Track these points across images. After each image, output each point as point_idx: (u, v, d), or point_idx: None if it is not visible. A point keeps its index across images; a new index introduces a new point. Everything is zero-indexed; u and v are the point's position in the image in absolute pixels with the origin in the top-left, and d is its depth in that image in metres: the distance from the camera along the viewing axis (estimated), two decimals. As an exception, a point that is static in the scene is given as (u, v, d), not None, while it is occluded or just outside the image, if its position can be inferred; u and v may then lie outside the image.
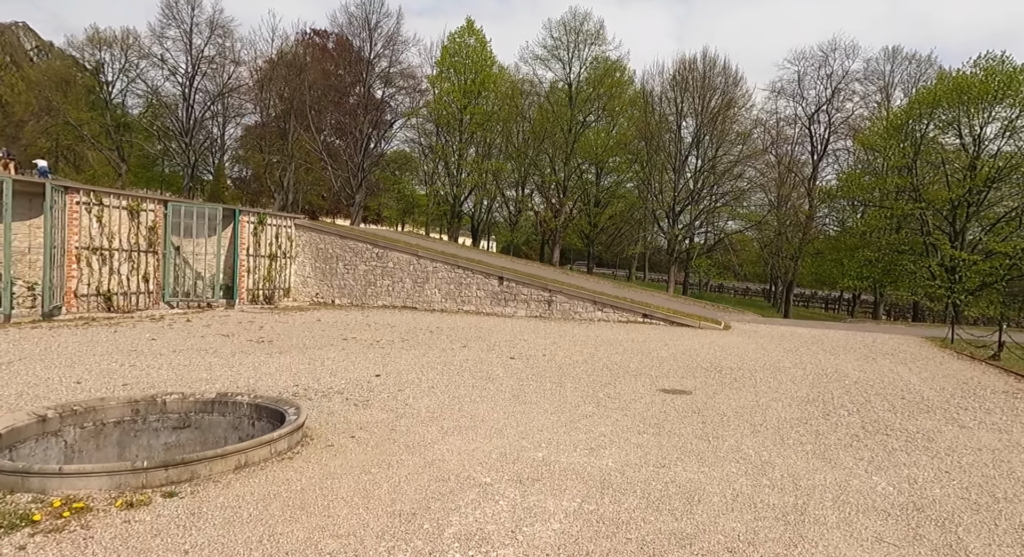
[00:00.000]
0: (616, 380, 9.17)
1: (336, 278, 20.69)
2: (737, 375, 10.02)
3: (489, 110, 32.98)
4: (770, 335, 16.09)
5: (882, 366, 11.51)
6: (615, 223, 39.85)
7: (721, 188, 32.96)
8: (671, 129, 31.85)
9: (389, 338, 12.28)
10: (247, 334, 11.87)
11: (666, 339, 14.16)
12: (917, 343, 15.48)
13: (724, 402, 7.95)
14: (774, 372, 10.42)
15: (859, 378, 10.13)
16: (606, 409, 7.23)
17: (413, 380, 8.19)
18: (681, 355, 11.87)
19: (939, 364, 12.04)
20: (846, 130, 35.90)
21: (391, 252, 20.23)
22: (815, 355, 12.62)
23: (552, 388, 8.27)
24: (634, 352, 12.04)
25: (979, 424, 7.20)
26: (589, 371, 9.77)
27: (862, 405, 8.09)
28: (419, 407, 6.71)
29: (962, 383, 10.02)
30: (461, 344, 11.90)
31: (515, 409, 6.93)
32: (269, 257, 19.62)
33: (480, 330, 14.45)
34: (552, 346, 12.37)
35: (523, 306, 18.96)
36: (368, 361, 9.48)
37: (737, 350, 12.88)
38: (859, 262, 26.48)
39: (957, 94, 23.83)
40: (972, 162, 24.63)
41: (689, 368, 10.53)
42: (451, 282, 19.68)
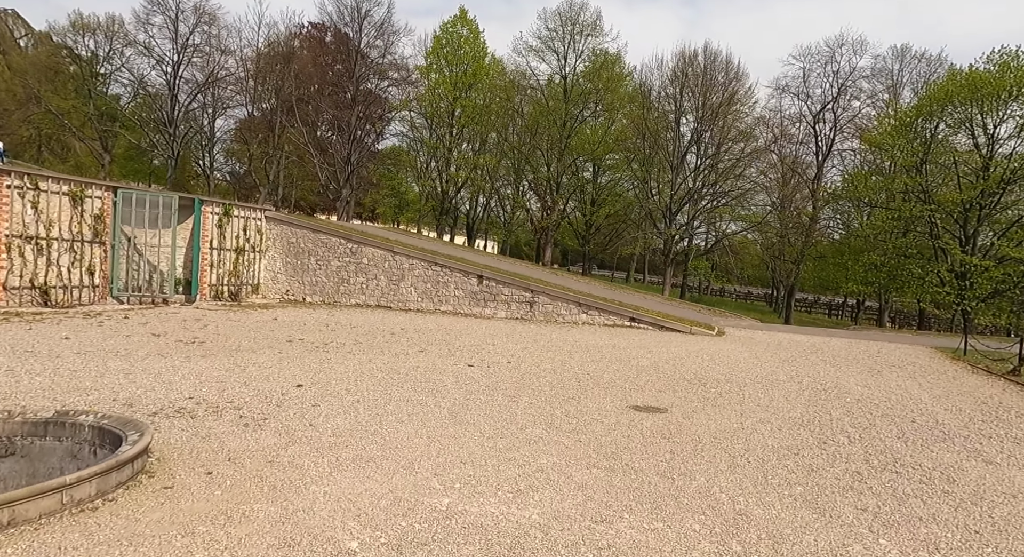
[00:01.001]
0: (582, 394, 7.97)
1: (308, 274, 19.54)
2: (723, 389, 8.80)
3: (482, 103, 31.79)
4: (766, 342, 14.86)
5: (888, 381, 10.27)
6: (612, 223, 38.62)
7: (721, 187, 31.69)
8: (670, 125, 30.61)
9: (342, 340, 11.10)
10: (183, 334, 10.70)
11: (651, 345, 12.94)
12: (926, 354, 14.22)
13: (702, 424, 6.74)
14: (766, 386, 9.20)
15: (862, 395, 8.90)
16: (558, 432, 6.03)
17: (338, 392, 7.00)
18: (664, 364, 10.66)
19: (952, 379, 10.79)
20: (852, 130, 34.61)
21: (365, 247, 19.07)
22: (814, 366, 11.39)
23: (503, 404, 7.08)
24: (612, 360, 10.83)
25: (1008, 459, 5.96)
26: (554, 382, 8.57)
27: (866, 430, 6.87)
28: (325, 429, 5.52)
29: (981, 403, 8.77)
30: (419, 348, 10.71)
31: (446, 432, 5.73)
32: (236, 251, 18.47)
33: (449, 332, 13.26)
34: (522, 352, 11.17)
35: (503, 307, 17.77)
36: (300, 368, 8.30)
37: (728, 359, 11.65)
38: (864, 266, 25.20)
39: (970, 90, 22.53)
40: (985, 163, 23.34)
41: (670, 380, 9.32)
42: (427, 280, 18.50)
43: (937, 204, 23.76)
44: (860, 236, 27.47)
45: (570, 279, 24.03)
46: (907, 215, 23.92)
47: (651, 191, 31.32)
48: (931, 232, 24.48)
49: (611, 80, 30.72)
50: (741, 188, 31.76)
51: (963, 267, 22.80)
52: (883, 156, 28.17)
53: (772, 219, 33.77)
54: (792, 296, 33.98)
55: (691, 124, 30.79)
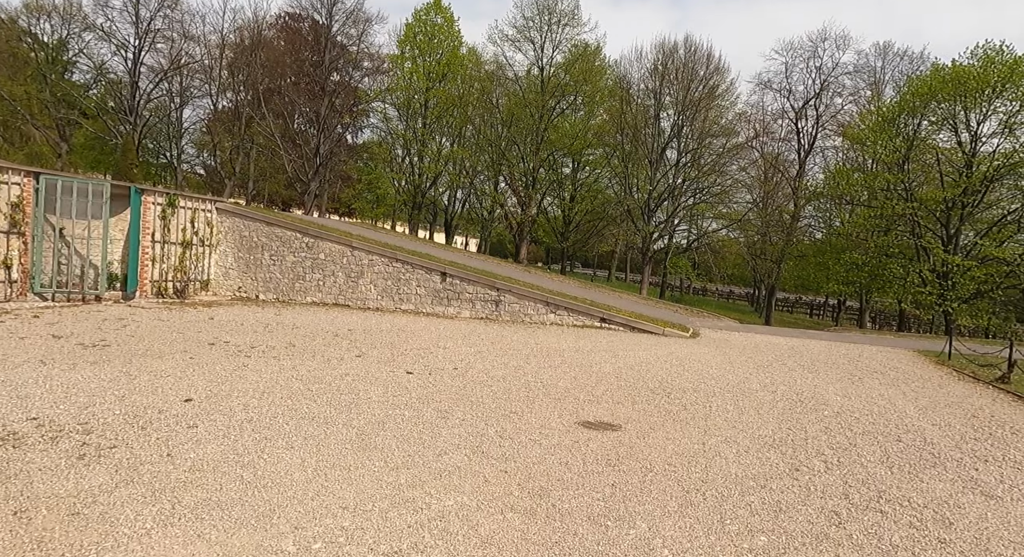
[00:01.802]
0: (529, 407, 6.99)
1: (261, 270, 18.35)
2: (689, 400, 7.87)
3: (456, 94, 30.64)
4: (742, 345, 14.01)
5: (870, 389, 9.43)
6: (591, 220, 37.69)
7: (702, 184, 30.92)
8: (648, 119, 29.74)
9: (273, 343, 10.00)
10: (91, 336, 9.53)
11: (618, 349, 12.01)
12: (909, 358, 13.47)
13: (658, 445, 5.79)
14: (737, 396, 8.29)
15: (842, 407, 8.02)
16: (483, 459, 5.03)
17: (232, 408, 5.94)
18: (628, 371, 9.72)
19: (938, 387, 9.98)
20: (835, 127, 34.06)
21: (322, 242, 17.92)
22: (790, 373, 10.53)
23: (430, 421, 6.06)
24: (572, 365, 9.87)
25: (1010, 490, 5.08)
26: (500, 393, 7.58)
27: (845, 452, 5.96)
28: (184, 460, 4.46)
29: (971, 416, 7.94)
30: (358, 352, 9.65)
31: (340, 461, 4.70)
32: (182, 244, 17.23)
33: (401, 334, 12.22)
34: (475, 356, 10.17)
35: (467, 306, 16.75)
36: (203, 377, 7.21)
37: (699, 365, 10.75)
38: (845, 265, 24.55)
39: (954, 85, 21.93)
40: (968, 160, 22.77)
41: (632, 389, 8.38)
42: (388, 277, 17.42)
43: (919, 202, 23.16)
44: (842, 235, 26.86)
45: (543, 277, 23.06)
46: (889, 213, 23.29)
47: (630, 187, 30.44)
48: (913, 231, 23.89)
49: (589, 72, 29.75)
50: (722, 185, 31.02)
51: (945, 267, 22.21)
52: (865, 153, 27.57)
53: (753, 217, 33.09)
54: (773, 296, 33.34)
55: (671, 118, 29.98)
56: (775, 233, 31.44)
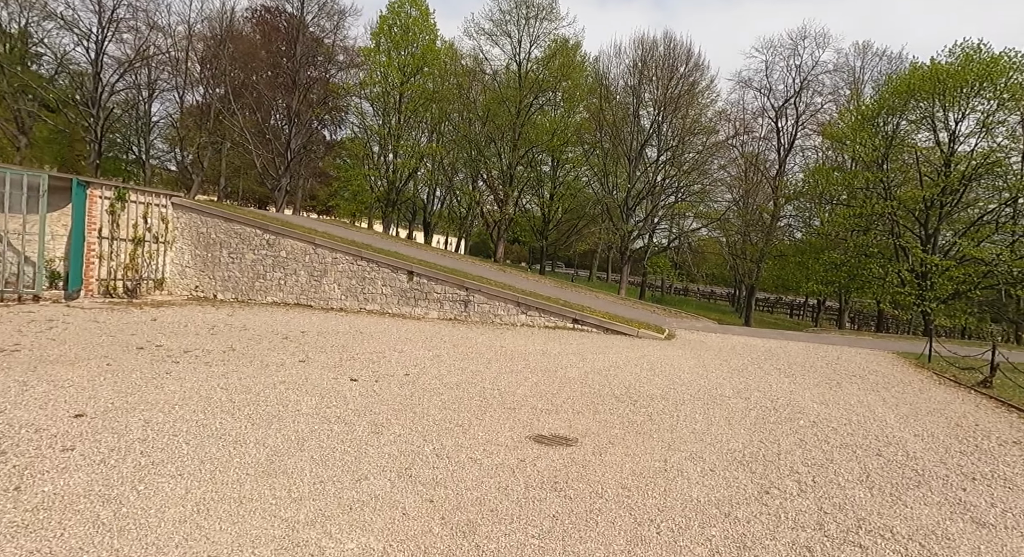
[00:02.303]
0: (479, 419, 6.33)
1: (220, 268, 17.46)
2: (655, 409, 7.27)
3: (431, 89, 29.86)
4: (719, 347, 13.49)
5: (848, 395, 8.92)
6: (571, 219, 37.18)
7: (681, 182, 30.50)
8: (627, 116, 29.24)
9: (212, 347, 9.22)
10: (6, 339, 8.66)
11: (588, 351, 11.40)
12: (889, 361, 13.05)
13: (615, 463, 5.16)
14: (707, 404, 7.71)
15: (818, 416, 7.47)
16: (411, 485, 4.35)
17: (128, 426, 5.18)
18: (595, 376, 9.10)
19: (919, 392, 9.51)
20: (814, 126, 33.89)
21: (284, 239, 17.09)
22: (766, 377, 9.99)
23: (360, 438, 5.37)
24: (535, 370, 9.23)
25: (1003, 515, 4.53)
26: (450, 402, 6.91)
27: (821, 469, 5.38)
28: (31, 496, 3.72)
29: (955, 425, 7.44)
30: (302, 357, 8.90)
31: (233, 492, 3.99)
32: (133, 241, 16.29)
33: (359, 336, 11.49)
34: (431, 360, 9.48)
35: (435, 306, 16.05)
36: (114, 387, 6.43)
37: (671, 369, 10.17)
38: (824, 265, 24.27)
39: (932, 83, 21.72)
40: (946, 159, 22.59)
41: (596, 397, 7.76)
42: (352, 276, 16.65)
43: (898, 201, 22.93)
44: (821, 234, 26.60)
45: (519, 277, 22.42)
46: (868, 212, 23.03)
47: (609, 185, 29.92)
48: (892, 230, 23.67)
49: (568, 67, 29.16)
50: (702, 183, 30.65)
51: (924, 267, 21.99)
52: (844, 151, 27.36)
53: (733, 216, 32.78)
54: (752, 296, 33.07)
55: (651, 116, 29.51)
56: (755, 233, 31.15)
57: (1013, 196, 22.14)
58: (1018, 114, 22.19)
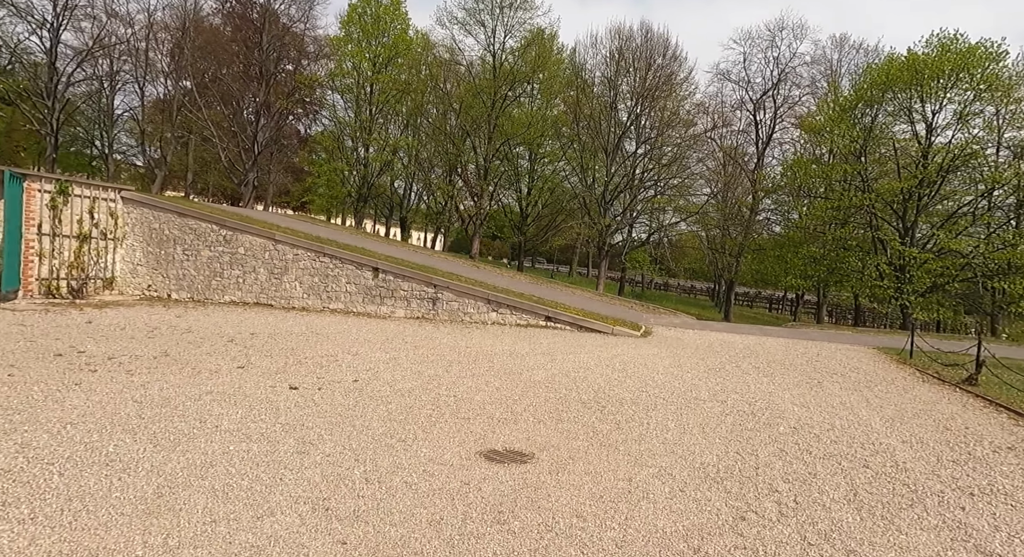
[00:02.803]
0: (426, 431, 5.65)
1: (174, 266, 16.51)
2: (625, 416, 6.66)
3: (403, 80, 28.94)
4: (696, 344, 12.96)
5: (830, 396, 8.41)
6: (550, 213, 36.57)
7: (660, 175, 30.03)
8: (604, 108, 28.67)
9: (144, 352, 8.40)
10: (-93, 346, 7.76)
11: (558, 351, 10.77)
12: (870, 357, 12.63)
13: (573, 484, 4.53)
14: (681, 409, 7.12)
15: (799, 421, 6.93)
16: (323, 522, 3.66)
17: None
18: (563, 378, 8.47)
19: (903, 391, 9.04)
20: (792, 119, 33.69)
21: (242, 235, 16.20)
22: (744, 377, 9.45)
23: (281, 459, 4.66)
24: (500, 373, 8.57)
25: (1009, 541, 3.97)
26: (397, 413, 6.22)
27: (804, 486, 4.80)
28: None
29: (943, 428, 6.94)
30: (241, 363, 8.13)
31: (90, 541, 3.26)
32: (78, 238, 15.30)
33: (313, 338, 10.72)
34: (387, 363, 8.78)
35: (402, 305, 15.31)
36: (3, 404, 5.62)
37: (644, 369, 9.59)
38: (803, 259, 23.98)
39: (910, 74, 21.47)
40: (924, 151, 22.40)
41: (561, 402, 7.13)
42: (315, 274, 15.83)
43: (876, 194, 22.69)
44: (800, 227, 26.34)
45: (493, 273, 21.74)
46: (846, 205, 22.76)
47: (587, 179, 29.35)
48: (870, 223, 23.44)
49: (543, 57, 28.45)
50: (680, 176, 30.22)
51: (902, 259, 21.77)
52: (822, 143, 27.11)
53: (713, 211, 32.44)
54: (732, 291, 32.79)
55: (628, 107, 28.98)
56: (734, 227, 30.83)
57: (989, 188, 22.03)
58: (993, 105, 22.06)
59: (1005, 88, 21.16)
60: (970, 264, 21.05)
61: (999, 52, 20.95)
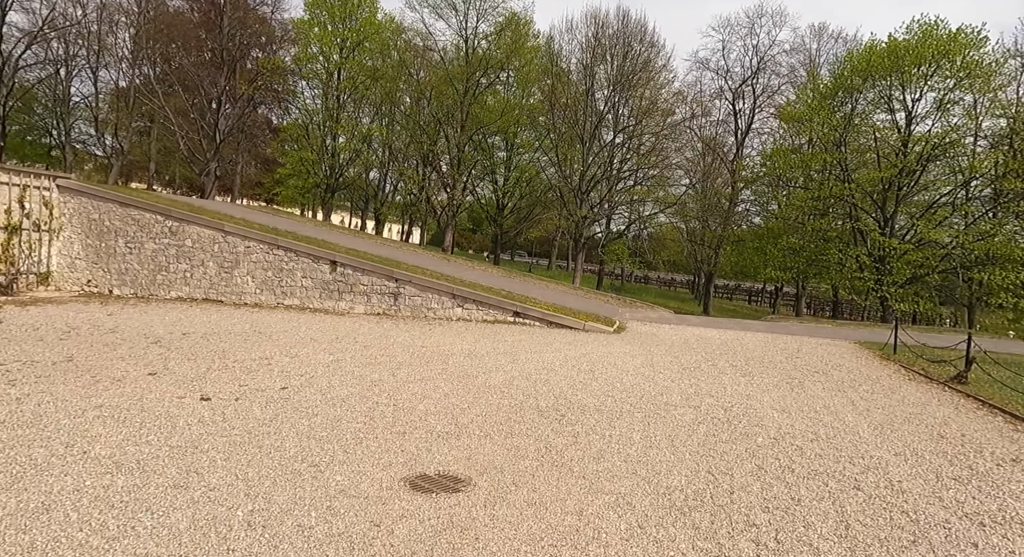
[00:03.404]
0: (349, 452, 4.79)
1: (115, 260, 15.35)
2: (585, 426, 5.86)
3: (371, 65, 27.72)
4: (671, 341, 12.23)
5: (813, 398, 7.70)
6: (527, 205, 35.67)
7: (638, 165, 29.32)
8: (579, 95, 27.81)
9: (43, 357, 7.39)
10: None
11: (523, 350, 9.94)
12: (852, 352, 12.03)
13: (510, 521, 3.69)
14: (649, 417, 6.34)
15: (780, 430, 6.18)
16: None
17: None
18: (522, 381, 7.65)
19: (890, 392, 8.38)
20: (772, 109, 33.18)
21: (189, 226, 15.08)
22: (720, 377, 8.72)
23: (146, 499, 3.76)
24: (452, 377, 7.72)
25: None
26: (321, 427, 5.34)
27: (786, 517, 4.03)
28: None
29: (938, 436, 6.26)
30: (153, 370, 7.15)
31: None
32: (6, 229, 14.08)
33: (252, 338, 9.76)
34: (328, 367, 7.87)
35: (361, 300, 14.35)
36: None
37: (614, 370, 8.80)
38: (783, 250, 23.47)
39: (891, 60, 20.96)
40: (904, 140, 21.96)
41: (515, 411, 6.31)
42: (268, 267, 14.80)
43: (856, 184, 22.22)
44: (779, 218, 25.83)
45: (463, 266, 20.84)
46: (826, 195, 22.25)
47: (563, 169, 28.52)
48: (850, 213, 22.98)
49: (518, 44, 27.44)
50: (658, 165, 29.54)
51: (881, 250, 21.33)
52: (802, 132, 26.59)
53: (691, 202, 31.85)
54: (711, 283, 32.31)
55: (605, 95, 28.16)
56: (713, 220, 30.27)
57: (968, 178, 21.67)
58: (973, 93, 21.67)
59: (985, 76, 20.76)
60: (950, 255, 20.68)
61: (980, 38, 20.53)
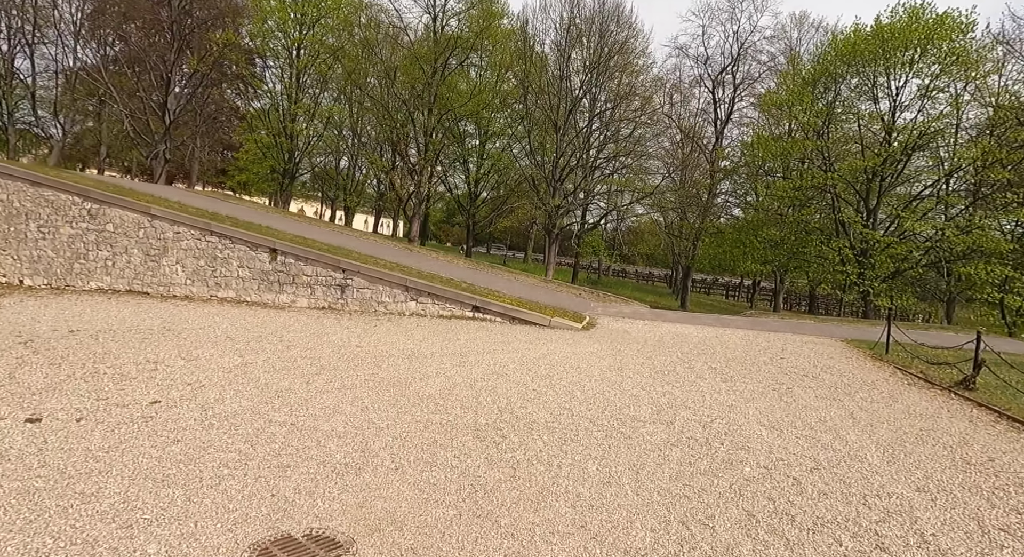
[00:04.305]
0: (195, 497, 3.45)
1: (26, 246, 13.65)
2: (529, 453, 4.60)
3: (332, 44, 26.01)
4: (644, 339, 11.04)
5: (805, 409, 6.55)
6: (500, 195, 34.33)
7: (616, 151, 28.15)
8: (555, 77, 26.51)
9: None
10: None
11: (475, 350, 8.65)
12: (840, 352, 10.97)
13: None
14: (610, 439, 5.11)
15: (771, 456, 4.99)
16: None
17: None
18: (464, 390, 6.37)
19: (891, 400, 7.28)
20: (752, 99, 32.27)
21: (111, 209, 13.46)
22: (698, 383, 7.54)
23: None
24: (380, 385, 6.41)
25: None
26: (176, 459, 3.99)
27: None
28: None
29: (963, 462, 5.12)
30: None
31: None
32: None
33: (156, 336, 8.30)
34: (228, 373, 6.49)
35: (305, 292, 12.91)
36: None
37: (575, 374, 7.57)
38: (763, 242, 22.52)
39: (877, 44, 20.04)
40: (888, 128, 21.11)
41: (446, 430, 5.02)
42: (200, 255, 13.25)
43: (839, 174, 21.32)
44: (759, 209, 24.90)
45: (424, 257, 19.45)
46: (808, 185, 21.31)
47: (536, 156, 27.22)
48: (832, 204, 22.09)
49: (488, 20, 25.93)
50: (635, 153, 28.41)
51: (864, 243, 20.47)
52: (783, 122, 25.67)
53: (668, 192, 30.82)
54: (689, 278, 31.36)
55: (581, 80, 26.88)
56: (692, 212, 29.26)
57: (954, 168, 20.92)
58: (959, 81, 20.88)
59: (973, 62, 19.95)
60: (934, 248, 19.91)
61: (968, 22, 19.70)
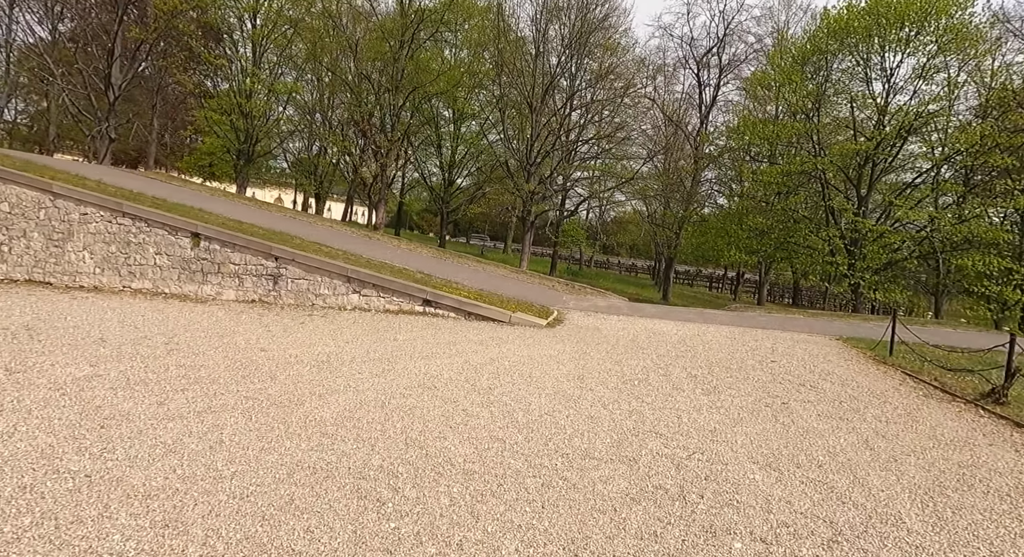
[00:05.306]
0: None
1: (-94, 230, 11.79)
2: (421, 521, 3.09)
3: (291, 16, 24.08)
4: (616, 337, 9.60)
5: (808, 434, 5.14)
6: (477, 181, 32.70)
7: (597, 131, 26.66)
8: (528, 54, 24.91)
9: None
10: None
11: (408, 354, 7.13)
12: (836, 352, 9.64)
13: None
14: (546, 491, 3.62)
15: (769, 515, 3.55)
16: None
17: None
18: (367, 413, 4.86)
19: (911, 420, 5.91)
20: (738, 83, 30.95)
21: (6, 185, 11.69)
22: (674, 396, 6.11)
23: None
24: (260, 405, 4.88)
25: None
26: None
27: None
28: None
29: (1030, 522, 3.74)
30: None
31: None
32: None
33: (6, 337, 6.67)
34: (56, 390, 4.94)
35: (232, 283, 11.28)
36: None
37: (524, 385, 6.09)
38: (748, 231, 21.24)
39: (873, 18, 18.72)
40: (882, 110, 19.86)
41: (313, 483, 3.50)
42: (112, 240, 11.55)
43: (829, 159, 20.05)
44: (746, 196, 23.60)
45: (381, 245, 17.83)
46: (797, 170, 20.02)
47: (510, 139, 25.64)
48: (823, 191, 20.83)
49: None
50: (614, 139, 26.94)
51: (855, 232, 19.24)
52: (771, 103, 24.35)
53: (651, 178, 29.44)
54: (671, 269, 30.07)
55: (559, 57, 25.33)
56: (675, 202, 27.91)
57: (950, 153, 19.73)
58: (956, 60, 19.67)
59: (972, 40, 18.73)
60: (929, 238, 18.74)
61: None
